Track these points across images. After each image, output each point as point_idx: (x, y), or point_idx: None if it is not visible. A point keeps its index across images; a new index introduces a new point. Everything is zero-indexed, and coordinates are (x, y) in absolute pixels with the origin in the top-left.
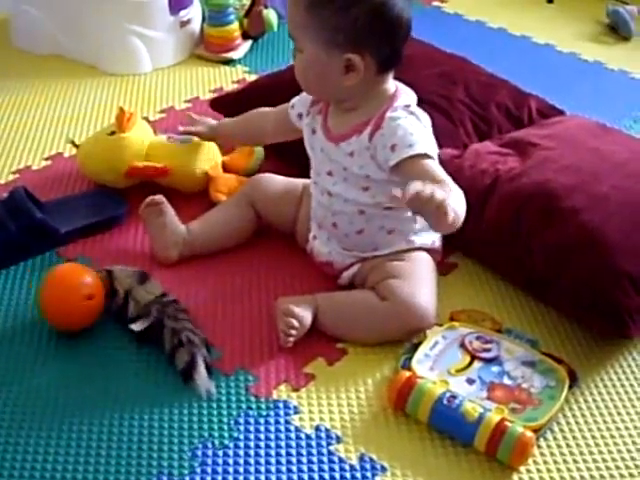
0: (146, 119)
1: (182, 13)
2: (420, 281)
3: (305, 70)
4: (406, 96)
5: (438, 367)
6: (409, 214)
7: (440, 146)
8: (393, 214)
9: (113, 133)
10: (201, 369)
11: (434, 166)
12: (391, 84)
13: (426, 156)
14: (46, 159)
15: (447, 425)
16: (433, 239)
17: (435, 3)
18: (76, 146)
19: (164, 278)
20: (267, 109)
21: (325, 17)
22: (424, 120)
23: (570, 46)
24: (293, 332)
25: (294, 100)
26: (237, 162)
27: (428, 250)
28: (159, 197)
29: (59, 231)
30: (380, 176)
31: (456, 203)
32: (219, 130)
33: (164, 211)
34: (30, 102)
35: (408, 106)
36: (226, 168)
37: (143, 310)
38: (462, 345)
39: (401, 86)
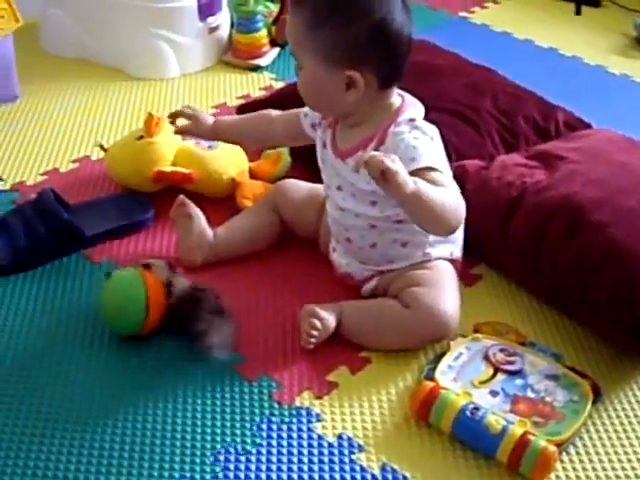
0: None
1: (211, 19)
2: (443, 289)
3: (307, 87)
4: (412, 109)
5: (461, 378)
6: None
7: (467, 157)
8: (405, 227)
9: (141, 137)
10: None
11: (438, 177)
12: (396, 98)
13: (430, 169)
14: (74, 162)
15: (470, 437)
16: (451, 250)
17: (462, 14)
18: (104, 150)
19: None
20: (273, 112)
21: (324, 34)
22: (430, 132)
23: (597, 59)
24: (315, 333)
25: (306, 109)
26: (264, 168)
27: (450, 260)
28: (187, 201)
29: (85, 234)
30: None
31: (442, 196)
32: (218, 128)
33: (193, 215)
34: (58, 105)
35: (413, 120)
36: (253, 174)
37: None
38: (486, 357)
39: (408, 98)
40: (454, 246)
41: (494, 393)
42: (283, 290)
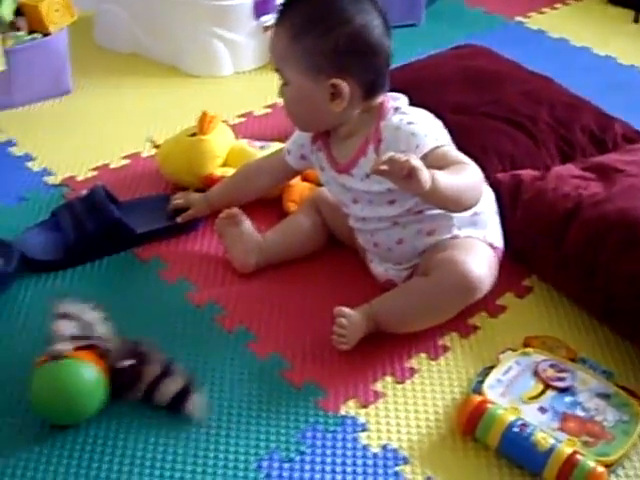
0: (225, 122)
1: (265, 18)
2: (469, 252)
3: (293, 102)
4: (393, 101)
5: (510, 393)
6: (441, 210)
7: (522, 166)
8: (425, 215)
9: (194, 135)
10: (195, 397)
11: (448, 152)
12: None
13: (436, 148)
14: (124, 158)
15: (517, 453)
16: (483, 234)
17: (518, 18)
18: (156, 146)
19: (234, 288)
20: (254, 164)
21: (308, 44)
22: (418, 113)
23: None
24: (343, 331)
25: (288, 146)
26: (315, 171)
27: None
28: (235, 210)
29: (135, 231)
30: None
31: (459, 179)
32: (213, 202)
33: (240, 220)
34: (110, 100)
35: (397, 108)
36: (304, 176)
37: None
38: (535, 372)
39: (389, 94)
40: (486, 231)
41: (543, 410)
42: (332, 296)
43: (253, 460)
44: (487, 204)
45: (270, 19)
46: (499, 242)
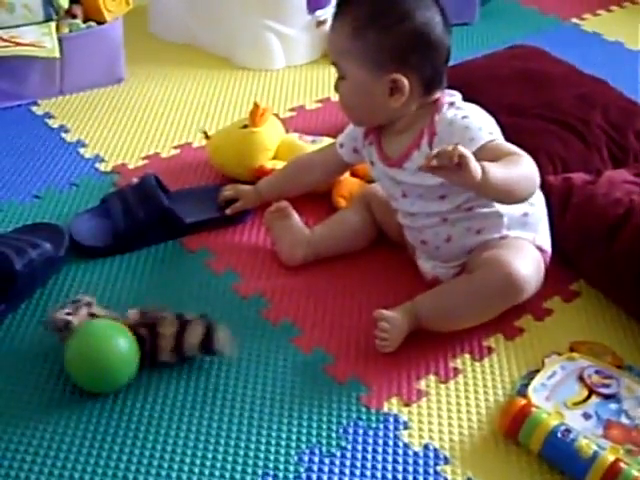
0: (276, 116)
1: (319, 13)
2: (516, 251)
3: (351, 96)
4: (449, 97)
5: (554, 398)
6: (491, 209)
7: (573, 170)
8: (475, 213)
9: (245, 127)
10: (220, 335)
11: (501, 145)
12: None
13: (490, 142)
14: (175, 148)
15: (559, 459)
16: (533, 236)
17: (574, 20)
18: (207, 137)
19: (281, 281)
20: (306, 157)
21: (369, 39)
22: (471, 107)
23: None
24: (385, 335)
25: (340, 139)
26: (364, 166)
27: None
28: (283, 203)
29: (184, 221)
30: None
31: (512, 170)
32: (263, 194)
33: (289, 214)
34: (163, 90)
35: (452, 103)
36: (353, 172)
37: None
38: (580, 378)
39: (444, 91)
40: (536, 234)
41: (587, 416)
42: (378, 292)
43: (294, 453)
44: (538, 206)
45: (324, 14)
46: (548, 246)
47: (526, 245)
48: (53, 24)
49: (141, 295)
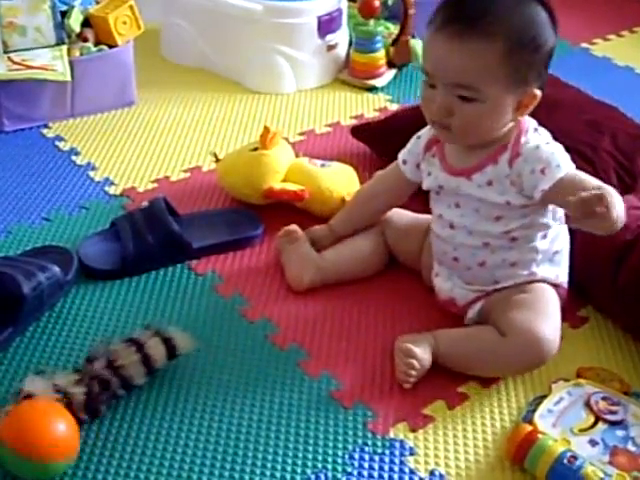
0: (286, 140)
1: (330, 37)
2: (542, 313)
3: (482, 118)
4: (528, 118)
5: (561, 424)
6: (534, 244)
7: None
8: (517, 245)
9: (256, 149)
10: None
11: (584, 177)
12: None
13: (572, 171)
14: (185, 171)
15: None
16: (557, 273)
17: (584, 45)
18: (217, 159)
19: (289, 306)
20: (370, 183)
21: (523, 58)
22: (548, 135)
23: None
24: (413, 373)
25: (403, 156)
26: None
27: (554, 285)
28: (293, 227)
29: (192, 245)
30: (519, 201)
31: (619, 204)
32: (338, 231)
33: (298, 238)
34: (173, 113)
35: (536, 129)
36: None
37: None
38: (587, 404)
39: None
40: (560, 269)
41: (593, 442)
42: (385, 317)
43: (300, 478)
44: (565, 242)
45: (334, 38)
46: (566, 280)
47: (548, 297)
48: (65, 47)
49: (148, 318)
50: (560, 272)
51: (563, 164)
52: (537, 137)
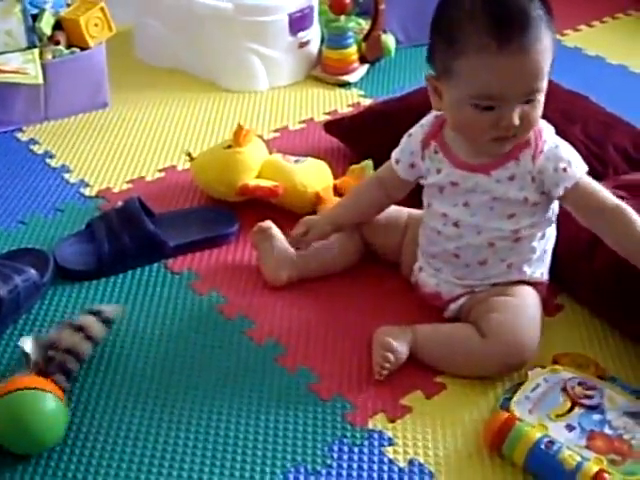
0: (260, 137)
1: (301, 34)
2: (522, 316)
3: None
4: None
5: (538, 410)
6: (533, 244)
7: None
8: (519, 246)
9: (229, 147)
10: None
11: (594, 184)
12: None
13: (587, 174)
14: (160, 171)
15: (543, 470)
16: (542, 271)
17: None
18: (192, 158)
19: (265, 301)
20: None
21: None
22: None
23: None
24: (387, 365)
25: (396, 155)
26: (348, 185)
27: (536, 284)
28: (267, 223)
29: (168, 244)
30: (536, 199)
31: None
32: (341, 222)
33: (272, 235)
34: (147, 114)
35: (550, 128)
36: (337, 191)
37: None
38: (564, 389)
39: None
40: (545, 267)
41: (570, 427)
42: (362, 311)
43: (279, 472)
44: (552, 241)
45: (306, 35)
46: (547, 273)
47: (529, 300)
48: (36, 51)
49: (125, 318)
50: (545, 270)
51: (581, 165)
52: (554, 136)
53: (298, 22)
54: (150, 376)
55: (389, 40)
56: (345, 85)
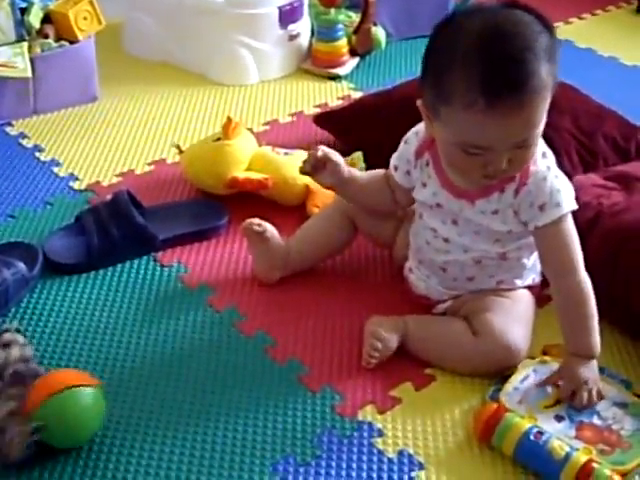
0: (250, 130)
1: (291, 27)
2: (515, 317)
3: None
4: (540, 144)
5: (527, 401)
6: (523, 261)
7: None
8: (507, 264)
9: (219, 140)
10: None
11: (569, 230)
12: None
13: (565, 216)
14: (149, 164)
15: (532, 461)
16: (533, 277)
17: None
18: (181, 151)
19: (255, 294)
20: (378, 175)
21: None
22: (555, 165)
23: None
24: (376, 354)
25: (394, 162)
26: None
27: (530, 287)
28: (263, 225)
29: (158, 237)
30: (519, 229)
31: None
32: (349, 184)
33: (268, 238)
34: (137, 107)
35: (544, 154)
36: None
37: None
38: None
39: None
40: (536, 272)
41: (559, 418)
42: (352, 303)
43: (269, 463)
44: None
45: (296, 28)
46: (539, 275)
47: (522, 301)
48: (25, 44)
49: (114, 311)
50: (536, 274)
51: (563, 204)
52: (545, 166)
53: (288, 15)
54: (139, 368)
55: (379, 33)
56: (335, 78)
